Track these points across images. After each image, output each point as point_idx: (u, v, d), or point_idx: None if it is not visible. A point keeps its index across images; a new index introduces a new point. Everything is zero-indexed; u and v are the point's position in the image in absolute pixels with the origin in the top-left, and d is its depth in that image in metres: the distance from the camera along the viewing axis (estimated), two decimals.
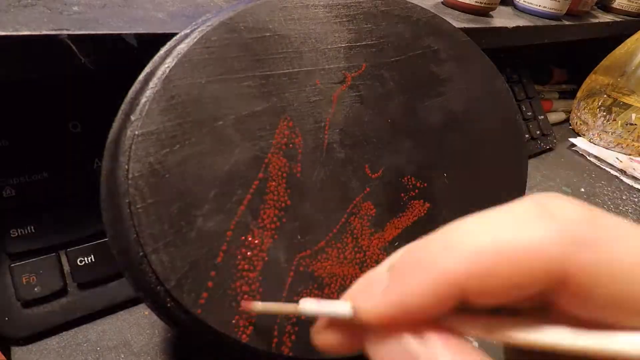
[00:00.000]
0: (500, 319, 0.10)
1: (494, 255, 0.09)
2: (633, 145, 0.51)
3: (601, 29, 0.54)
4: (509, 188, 0.28)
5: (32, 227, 0.22)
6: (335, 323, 0.11)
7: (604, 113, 0.52)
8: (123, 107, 0.16)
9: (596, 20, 0.53)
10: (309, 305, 0.12)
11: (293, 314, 0.16)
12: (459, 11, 0.39)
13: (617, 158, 0.50)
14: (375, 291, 0.10)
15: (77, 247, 0.23)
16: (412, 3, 0.24)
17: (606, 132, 0.52)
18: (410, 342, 0.10)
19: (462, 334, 0.10)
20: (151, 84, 0.16)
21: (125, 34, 0.19)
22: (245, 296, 0.16)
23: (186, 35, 0.17)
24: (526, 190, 0.29)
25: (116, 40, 0.19)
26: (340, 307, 0.11)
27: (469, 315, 0.10)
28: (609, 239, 0.09)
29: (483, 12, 0.40)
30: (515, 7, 0.48)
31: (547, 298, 0.10)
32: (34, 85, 0.22)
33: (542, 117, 0.52)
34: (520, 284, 0.09)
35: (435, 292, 0.09)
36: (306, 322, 0.18)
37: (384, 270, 0.11)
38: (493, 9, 0.40)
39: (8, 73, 0.18)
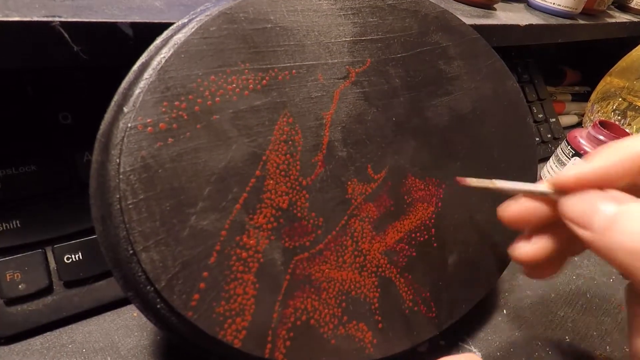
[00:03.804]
0: None
1: None
2: None
3: (617, 29, 0.54)
4: None
5: (18, 222, 0.22)
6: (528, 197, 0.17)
7: (619, 117, 0.52)
8: (116, 98, 0.16)
9: (612, 20, 0.53)
10: (506, 184, 0.18)
11: (494, 189, 0.19)
12: (463, 4, 0.39)
13: None
14: (575, 167, 0.15)
15: (64, 244, 0.23)
16: None
17: None
18: (602, 194, 0.14)
19: None
20: (146, 75, 0.16)
21: (121, 22, 0.19)
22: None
23: (183, 25, 0.17)
24: None
25: (111, 28, 0.19)
26: (538, 186, 0.17)
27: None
28: None
29: (486, 5, 0.40)
30: (529, 4, 0.48)
31: None
32: (23, 74, 0.22)
33: (554, 119, 0.52)
34: None
35: (622, 165, 0.15)
36: (301, 327, 0.18)
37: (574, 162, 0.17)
38: (496, 2, 0.40)
39: None
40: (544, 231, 0.18)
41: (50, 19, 0.17)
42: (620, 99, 0.53)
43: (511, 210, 0.18)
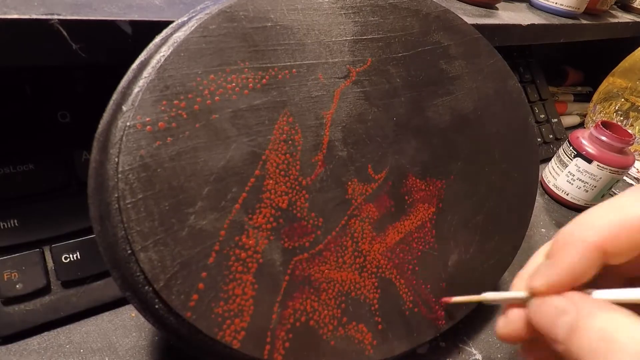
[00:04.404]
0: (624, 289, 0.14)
1: (623, 222, 0.14)
2: None
3: (620, 29, 0.54)
4: (519, 193, 0.28)
5: (15, 221, 0.22)
6: (510, 315, 0.16)
7: (621, 118, 0.52)
8: (115, 96, 0.16)
9: (615, 20, 0.53)
10: (491, 295, 0.18)
11: (481, 301, 0.19)
12: (465, 3, 0.39)
13: (633, 166, 0.50)
14: (540, 273, 0.15)
15: (62, 243, 0.23)
16: None
17: None
18: (560, 301, 0.14)
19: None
20: (145, 73, 0.16)
21: (120, 20, 0.19)
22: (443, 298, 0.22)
23: (183, 23, 0.17)
24: (537, 197, 0.29)
25: (110, 26, 0.19)
26: (517, 293, 0.16)
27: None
28: None
29: (487, 4, 0.40)
30: (531, 4, 0.48)
31: None
32: (21, 72, 0.22)
33: (556, 120, 0.52)
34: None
35: (584, 259, 0.14)
36: (300, 328, 0.18)
37: (542, 258, 0.16)
38: (498, 1, 0.40)
39: None
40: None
41: (48, 16, 0.17)
42: (622, 100, 0.53)
43: (502, 327, 0.17)
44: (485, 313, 0.28)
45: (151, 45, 0.17)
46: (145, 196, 0.15)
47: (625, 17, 0.57)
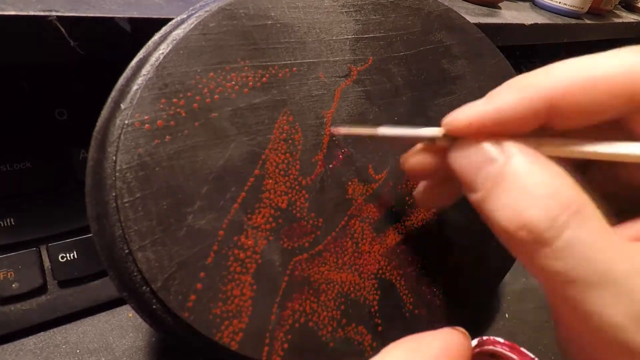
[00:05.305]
0: (571, 139, 0.12)
1: (587, 76, 0.11)
2: None
3: (624, 29, 0.54)
4: None
5: (12, 220, 0.22)
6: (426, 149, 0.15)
7: None
8: (113, 94, 0.16)
9: (619, 20, 0.53)
10: (389, 130, 0.16)
11: (375, 135, 0.17)
12: (468, 2, 0.39)
13: None
14: (470, 107, 0.13)
15: (58, 242, 0.23)
16: None
17: None
18: (489, 147, 0.12)
19: (537, 149, 0.12)
20: (144, 71, 0.16)
21: (118, 17, 0.19)
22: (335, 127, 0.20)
23: (182, 21, 0.17)
24: None
25: (108, 24, 0.19)
26: (427, 130, 0.14)
27: (544, 137, 0.12)
28: None
29: (490, 3, 0.40)
30: (534, 3, 0.48)
31: (623, 120, 0.12)
32: (19, 69, 0.22)
33: None
34: (606, 104, 0.11)
35: (529, 105, 0.12)
36: (299, 330, 0.18)
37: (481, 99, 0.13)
38: (501, 0, 0.40)
39: None
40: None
41: (47, 13, 0.17)
42: None
43: (410, 156, 0.16)
44: (487, 316, 0.28)
45: (150, 43, 0.17)
46: (143, 195, 0.15)
47: (629, 17, 0.57)
